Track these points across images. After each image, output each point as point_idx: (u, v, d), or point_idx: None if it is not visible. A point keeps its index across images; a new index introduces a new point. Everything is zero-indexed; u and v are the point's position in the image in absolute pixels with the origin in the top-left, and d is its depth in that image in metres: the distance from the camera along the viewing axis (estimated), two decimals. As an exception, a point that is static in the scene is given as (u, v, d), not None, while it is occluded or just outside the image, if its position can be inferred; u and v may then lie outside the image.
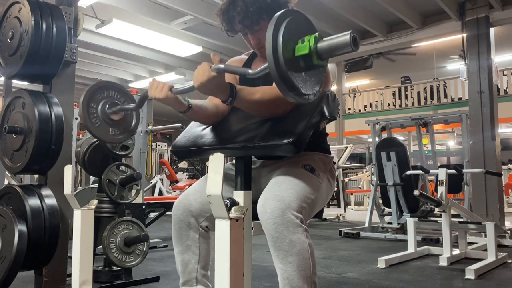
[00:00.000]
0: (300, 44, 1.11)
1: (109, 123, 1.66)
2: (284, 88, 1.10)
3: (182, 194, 1.54)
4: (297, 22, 1.15)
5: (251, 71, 1.19)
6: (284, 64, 1.08)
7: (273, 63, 1.07)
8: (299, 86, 1.12)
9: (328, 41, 1.11)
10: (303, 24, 1.17)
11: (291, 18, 1.13)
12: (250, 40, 1.56)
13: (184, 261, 1.50)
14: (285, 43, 1.08)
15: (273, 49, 1.07)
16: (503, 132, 11.86)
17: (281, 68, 1.08)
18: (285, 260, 1.25)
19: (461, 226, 3.60)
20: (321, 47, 1.11)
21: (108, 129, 1.67)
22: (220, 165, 1.01)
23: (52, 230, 2.09)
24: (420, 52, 10.04)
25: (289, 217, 1.24)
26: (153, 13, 6.19)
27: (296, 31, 1.13)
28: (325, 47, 1.11)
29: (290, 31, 1.11)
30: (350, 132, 11.86)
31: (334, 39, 1.10)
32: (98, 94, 1.66)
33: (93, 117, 1.62)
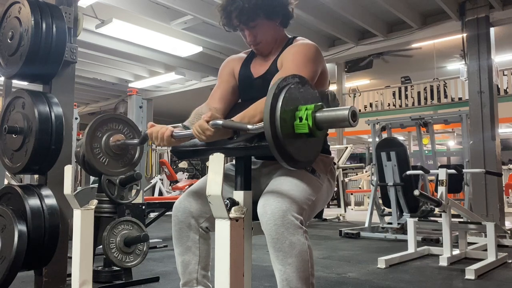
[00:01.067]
0: (298, 123, 1.12)
1: (112, 157, 1.68)
2: (279, 157, 1.12)
3: (182, 195, 1.54)
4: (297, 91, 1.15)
5: (250, 126, 1.19)
6: (282, 140, 1.09)
7: (271, 139, 1.08)
8: (295, 156, 1.14)
9: (326, 113, 1.11)
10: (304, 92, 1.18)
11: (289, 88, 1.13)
12: (245, 37, 1.57)
13: (184, 262, 1.50)
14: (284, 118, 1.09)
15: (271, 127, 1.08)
16: (503, 132, 11.86)
17: (280, 143, 1.09)
18: (284, 261, 1.25)
19: (461, 226, 3.60)
20: (319, 119, 1.11)
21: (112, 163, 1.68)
22: (220, 165, 1.01)
23: (52, 230, 2.09)
24: (420, 52, 10.04)
25: (289, 219, 1.24)
26: (153, 13, 6.18)
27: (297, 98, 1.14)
28: (323, 119, 1.11)
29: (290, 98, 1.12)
30: (350, 132, 11.85)
31: (332, 112, 1.10)
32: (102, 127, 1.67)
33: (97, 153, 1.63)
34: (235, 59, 1.70)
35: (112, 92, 11.01)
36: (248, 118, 1.30)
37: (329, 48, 7.68)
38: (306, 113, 1.11)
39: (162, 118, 14.91)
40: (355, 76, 12.38)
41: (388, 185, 5.00)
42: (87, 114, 12.95)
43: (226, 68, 1.68)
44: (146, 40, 7.12)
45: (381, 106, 12.17)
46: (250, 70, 1.62)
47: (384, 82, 13.22)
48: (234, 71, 1.66)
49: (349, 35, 7.18)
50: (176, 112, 13.49)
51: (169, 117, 15.33)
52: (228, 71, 1.67)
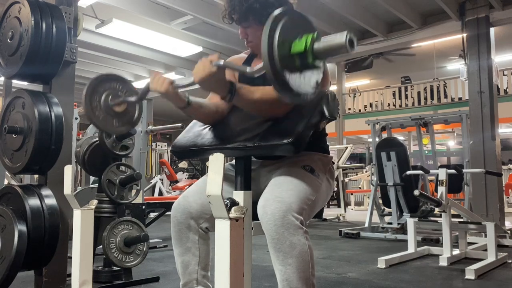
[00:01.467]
0: (297, 41, 1.11)
1: (112, 115, 1.67)
2: (279, 87, 1.11)
3: (181, 196, 1.53)
4: (295, 21, 1.14)
5: (249, 69, 1.20)
6: (279, 62, 1.07)
7: (267, 61, 1.07)
8: (294, 85, 1.12)
9: (324, 41, 1.11)
10: (301, 23, 1.17)
11: (289, 17, 1.12)
12: (240, 35, 1.59)
13: (184, 263, 1.50)
14: (282, 41, 1.08)
15: (269, 46, 1.07)
16: (503, 132, 11.86)
17: (276, 66, 1.08)
18: (284, 261, 1.25)
19: (461, 226, 3.60)
20: (317, 47, 1.11)
21: (111, 121, 1.67)
22: (220, 165, 1.01)
23: (52, 230, 2.09)
24: (420, 52, 10.04)
25: (289, 219, 1.24)
26: (153, 13, 6.19)
27: (294, 30, 1.13)
28: (321, 47, 1.11)
29: (287, 30, 1.10)
30: (350, 132, 11.86)
31: (330, 39, 1.10)
32: (101, 86, 1.66)
33: (96, 109, 1.62)
34: (235, 59, 1.70)
35: (112, 92, 10.99)
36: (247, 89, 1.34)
37: (329, 48, 7.67)
38: (306, 37, 1.11)
39: (162, 118, 14.91)
40: (355, 76, 12.39)
41: (388, 185, 5.00)
42: (87, 114, 12.92)
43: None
44: (146, 40, 7.12)
45: (381, 106, 12.17)
46: None
47: (384, 82, 13.22)
48: (234, 73, 1.66)
49: (349, 35, 7.17)
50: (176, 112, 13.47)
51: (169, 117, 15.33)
52: (228, 71, 1.67)
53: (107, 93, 1.64)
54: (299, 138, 1.25)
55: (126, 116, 1.72)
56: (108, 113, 1.64)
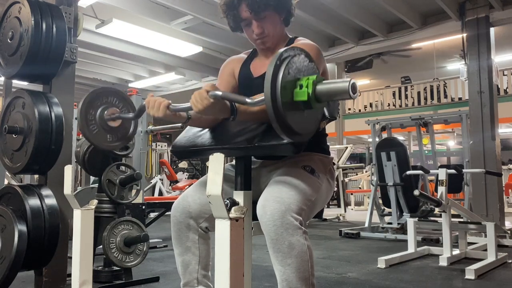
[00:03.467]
0: (298, 90, 1.11)
1: (107, 130, 1.67)
2: (279, 129, 1.11)
3: (181, 196, 1.54)
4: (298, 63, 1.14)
5: (249, 100, 1.18)
6: (281, 108, 1.08)
7: (271, 106, 1.07)
8: (294, 127, 1.13)
9: (327, 85, 1.11)
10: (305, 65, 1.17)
11: (292, 57, 1.12)
12: (252, 31, 1.53)
13: (184, 263, 1.50)
14: (284, 86, 1.08)
15: (272, 91, 1.07)
16: (503, 132, 11.86)
17: (279, 111, 1.08)
18: (284, 262, 1.25)
19: (461, 226, 3.60)
20: (319, 91, 1.11)
21: (105, 136, 1.67)
22: (220, 165, 1.01)
23: (52, 230, 2.09)
24: (420, 52, 10.04)
25: (288, 220, 1.24)
26: (153, 13, 6.18)
27: (298, 71, 1.13)
28: (323, 92, 1.10)
29: (291, 70, 1.11)
30: (350, 132, 11.87)
31: (333, 84, 1.10)
32: (97, 100, 1.66)
33: (91, 123, 1.62)
34: (235, 60, 1.70)
35: (112, 92, 10.99)
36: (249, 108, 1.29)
37: (329, 48, 7.68)
38: (307, 82, 1.10)
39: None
40: (355, 76, 12.38)
41: (388, 185, 5.00)
42: (87, 114, 12.93)
43: (226, 68, 1.68)
44: (146, 40, 7.12)
45: (381, 106, 12.17)
46: (250, 70, 1.62)
47: (384, 82, 13.23)
48: (234, 72, 1.66)
49: (349, 35, 7.18)
50: (176, 112, 13.46)
51: (169, 117, 15.32)
52: (228, 72, 1.67)
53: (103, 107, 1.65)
54: (299, 138, 1.25)
55: (121, 131, 1.72)
56: (103, 128, 1.64)
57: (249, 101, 1.18)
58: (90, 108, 1.62)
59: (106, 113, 1.66)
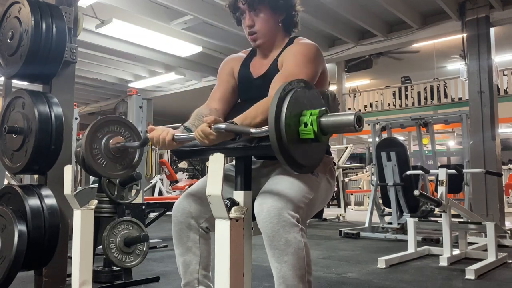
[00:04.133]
0: (303, 128, 1.12)
1: (113, 159, 1.67)
2: (284, 162, 1.12)
3: (181, 196, 1.54)
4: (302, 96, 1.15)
5: (253, 130, 1.18)
6: (287, 145, 1.09)
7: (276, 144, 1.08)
8: (300, 160, 1.14)
9: (332, 118, 1.11)
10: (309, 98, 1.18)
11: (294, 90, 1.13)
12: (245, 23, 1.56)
13: (185, 263, 1.50)
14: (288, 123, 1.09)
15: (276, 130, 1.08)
16: (503, 132, 11.86)
17: (284, 148, 1.09)
18: (280, 259, 1.25)
19: (461, 226, 3.60)
20: (324, 124, 1.11)
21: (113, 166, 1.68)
22: (220, 165, 1.01)
23: (52, 230, 2.09)
24: (420, 52, 10.04)
25: (285, 217, 1.24)
26: (153, 13, 6.18)
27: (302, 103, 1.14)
28: (329, 125, 1.11)
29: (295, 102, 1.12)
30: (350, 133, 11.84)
31: (338, 117, 1.11)
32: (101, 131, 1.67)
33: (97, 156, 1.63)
34: (234, 59, 1.70)
35: (112, 92, 11.01)
36: (250, 119, 1.29)
37: (329, 48, 7.68)
38: (311, 119, 1.11)
39: (162, 118, 14.90)
40: (355, 76, 12.38)
41: (388, 185, 5.00)
42: (87, 114, 12.94)
43: (225, 68, 1.68)
44: (146, 40, 7.12)
45: (381, 106, 12.16)
46: (250, 70, 1.62)
47: (384, 82, 13.22)
48: (233, 71, 1.66)
49: (349, 35, 7.18)
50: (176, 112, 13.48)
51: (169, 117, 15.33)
52: (227, 71, 1.66)
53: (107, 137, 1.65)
54: (299, 138, 1.25)
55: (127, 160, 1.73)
56: (108, 158, 1.65)
57: (254, 132, 1.18)
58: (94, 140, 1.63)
59: (111, 142, 1.67)
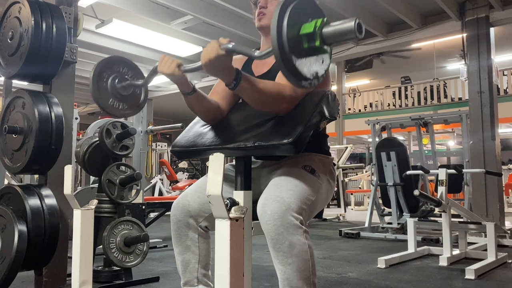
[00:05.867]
0: (307, 24, 1.12)
1: (118, 98, 1.67)
2: (286, 70, 1.10)
3: (181, 195, 1.54)
4: (305, 6, 1.14)
5: (257, 53, 1.19)
6: (287, 45, 1.07)
7: (276, 42, 1.06)
8: (301, 68, 1.12)
9: (333, 26, 1.10)
10: (311, 8, 1.17)
11: (299, 1, 1.12)
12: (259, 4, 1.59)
13: (184, 261, 1.50)
14: (291, 24, 1.08)
15: (278, 26, 1.06)
16: (503, 132, 11.86)
17: (284, 49, 1.07)
18: (284, 261, 1.25)
19: (461, 226, 3.60)
20: (326, 31, 1.10)
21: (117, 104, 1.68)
22: (220, 165, 1.01)
23: (52, 230, 2.09)
24: (420, 52, 10.04)
25: (289, 219, 1.24)
26: (153, 13, 6.18)
27: (304, 14, 1.13)
28: (330, 31, 1.10)
29: (297, 12, 1.11)
30: (350, 132, 11.86)
31: (339, 25, 1.09)
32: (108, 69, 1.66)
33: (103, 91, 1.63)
34: (236, 59, 1.70)
35: (112, 92, 11.00)
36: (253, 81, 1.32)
37: (329, 48, 7.67)
38: (316, 22, 1.11)
39: (162, 118, 14.91)
40: (355, 76, 12.40)
41: (388, 185, 5.00)
42: (87, 114, 12.95)
43: None
44: (146, 40, 7.12)
45: (381, 106, 12.17)
46: (252, 69, 1.63)
47: (384, 82, 13.23)
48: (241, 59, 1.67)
49: (349, 35, 7.17)
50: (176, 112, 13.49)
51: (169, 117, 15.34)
52: (234, 64, 1.67)
53: (114, 76, 1.65)
54: (299, 138, 1.25)
55: (133, 99, 1.72)
56: (114, 96, 1.64)
57: (257, 54, 1.19)
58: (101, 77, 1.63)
59: (117, 82, 1.66)
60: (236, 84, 1.28)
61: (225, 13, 6.17)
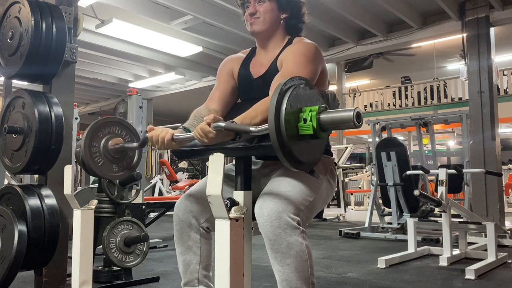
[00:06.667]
0: (303, 124, 1.12)
1: (111, 160, 1.67)
2: (284, 159, 1.12)
3: (183, 195, 1.54)
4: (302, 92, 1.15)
5: (253, 129, 1.18)
6: (287, 141, 1.09)
7: (276, 140, 1.08)
8: (299, 157, 1.14)
9: (331, 114, 1.11)
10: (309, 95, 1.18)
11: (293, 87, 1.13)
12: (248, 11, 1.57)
13: (185, 262, 1.50)
14: (288, 120, 1.09)
15: (276, 126, 1.08)
16: (503, 132, 11.86)
17: (284, 144, 1.09)
18: (283, 262, 1.25)
19: (461, 226, 3.60)
20: (323, 121, 1.11)
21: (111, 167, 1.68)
22: (220, 165, 1.01)
23: (52, 230, 2.09)
24: (420, 52, 10.04)
25: (286, 220, 1.24)
26: (153, 13, 6.18)
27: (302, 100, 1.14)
28: (328, 121, 1.11)
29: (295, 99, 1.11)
30: (350, 132, 11.85)
31: (337, 114, 1.10)
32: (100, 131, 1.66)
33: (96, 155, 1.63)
34: (233, 59, 1.69)
35: (112, 92, 11.01)
36: (249, 119, 1.29)
37: (329, 48, 7.68)
38: (311, 115, 1.11)
39: (162, 118, 14.90)
40: (355, 76, 12.38)
41: (388, 185, 5.00)
42: (87, 114, 12.95)
43: (225, 68, 1.67)
44: (146, 40, 7.12)
45: (381, 106, 12.16)
46: (250, 70, 1.62)
47: (384, 82, 13.22)
48: (233, 72, 1.66)
49: (349, 35, 7.18)
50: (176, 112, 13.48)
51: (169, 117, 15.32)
52: (226, 72, 1.66)
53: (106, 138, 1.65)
54: (299, 138, 1.25)
55: (125, 161, 1.72)
56: (107, 158, 1.64)
57: (253, 130, 1.17)
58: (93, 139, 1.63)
59: (110, 143, 1.66)
60: (240, 137, 1.27)
61: (225, 13, 6.17)
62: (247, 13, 1.57)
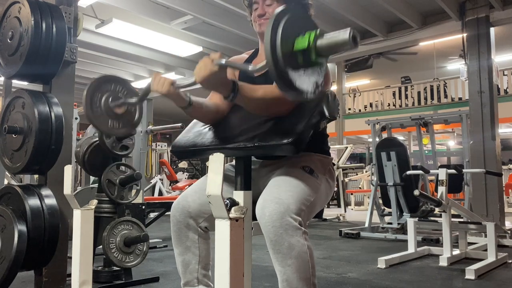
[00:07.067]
0: (300, 38, 1.11)
1: (113, 117, 1.67)
2: (281, 85, 1.10)
3: (180, 196, 1.54)
4: (298, 19, 1.14)
5: (251, 67, 1.19)
6: (282, 59, 1.07)
7: (270, 58, 1.06)
8: (297, 83, 1.12)
9: (327, 38, 1.10)
10: (304, 21, 1.17)
11: (291, 15, 1.12)
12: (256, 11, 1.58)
13: (184, 262, 1.50)
14: (284, 38, 1.07)
15: (272, 43, 1.06)
16: (503, 132, 11.86)
17: (279, 64, 1.07)
18: (284, 262, 1.25)
19: (461, 226, 3.60)
20: (320, 44, 1.10)
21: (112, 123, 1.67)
22: (220, 165, 1.01)
23: (52, 230, 2.09)
24: (420, 52, 10.04)
25: (287, 220, 1.24)
26: (153, 13, 6.19)
27: (297, 28, 1.13)
28: (324, 44, 1.09)
29: (290, 27, 1.10)
30: (350, 132, 11.86)
31: (333, 36, 1.09)
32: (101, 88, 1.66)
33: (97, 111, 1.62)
34: (236, 60, 1.70)
35: (112, 92, 11.00)
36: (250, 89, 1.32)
37: (329, 48, 7.67)
38: (310, 33, 1.10)
39: (162, 118, 14.90)
40: (355, 76, 12.39)
41: (388, 185, 5.00)
42: (87, 114, 12.92)
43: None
44: (146, 40, 7.12)
45: (381, 106, 12.17)
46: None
47: (384, 82, 13.22)
48: (234, 72, 1.66)
49: (349, 35, 7.17)
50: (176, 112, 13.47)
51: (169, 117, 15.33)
52: (229, 71, 1.66)
53: (107, 95, 1.64)
54: (299, 138, 1.25)
55: (127, 118, 1.72)
56: (109, 115, 1.64)
57: (251, 68, 1.18)
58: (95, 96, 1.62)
59: (111, 100, 1.66)
60: (234, 96, 1.29)
61: (225, 13, 6.17)
62: (256, 14, 1.58)
